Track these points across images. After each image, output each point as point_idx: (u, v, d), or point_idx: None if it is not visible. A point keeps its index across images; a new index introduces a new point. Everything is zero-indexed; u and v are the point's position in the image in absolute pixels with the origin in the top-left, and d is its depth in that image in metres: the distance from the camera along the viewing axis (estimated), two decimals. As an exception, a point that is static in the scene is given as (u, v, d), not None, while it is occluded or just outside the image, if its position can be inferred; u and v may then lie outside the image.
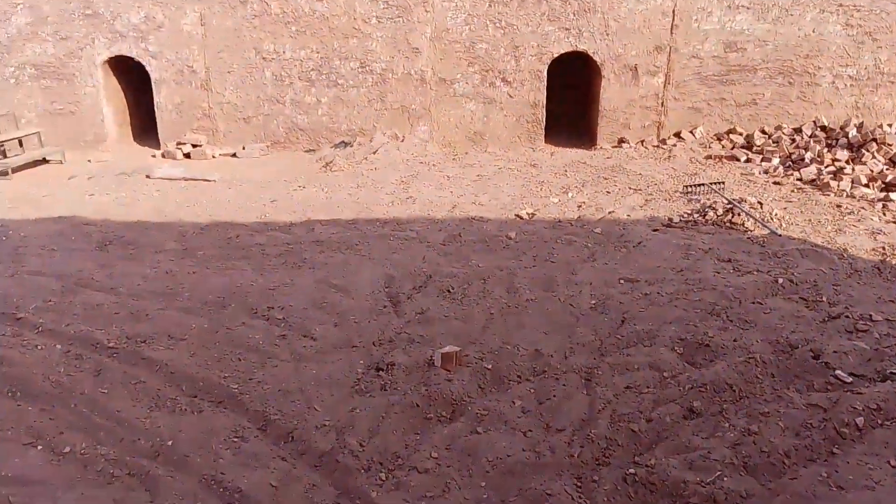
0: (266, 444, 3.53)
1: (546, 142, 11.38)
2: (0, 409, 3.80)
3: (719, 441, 3.45)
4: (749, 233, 6.83)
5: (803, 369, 4.13)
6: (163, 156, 11.05)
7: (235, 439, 3.56)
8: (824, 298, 5.13)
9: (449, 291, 5.44)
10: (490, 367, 4.22)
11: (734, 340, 4.50)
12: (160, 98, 11.22)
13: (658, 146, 10.89)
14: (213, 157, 10.95)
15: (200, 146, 11.01)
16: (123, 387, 4.06)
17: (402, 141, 10.94)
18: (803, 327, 4.69)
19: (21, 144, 10.63)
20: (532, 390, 4.01)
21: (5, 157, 10.19)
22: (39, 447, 3.49)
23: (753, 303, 5.11)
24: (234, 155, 11.05)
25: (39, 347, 4.50)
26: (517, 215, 7.57)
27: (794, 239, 6.59)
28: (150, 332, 4.75)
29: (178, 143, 11.12)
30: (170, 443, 3.50)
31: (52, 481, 3.19)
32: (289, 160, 10.71)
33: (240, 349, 4.52)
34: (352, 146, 10.81)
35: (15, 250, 6.51)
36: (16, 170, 10.05)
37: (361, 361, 4.38)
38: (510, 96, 11.03)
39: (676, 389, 3.92)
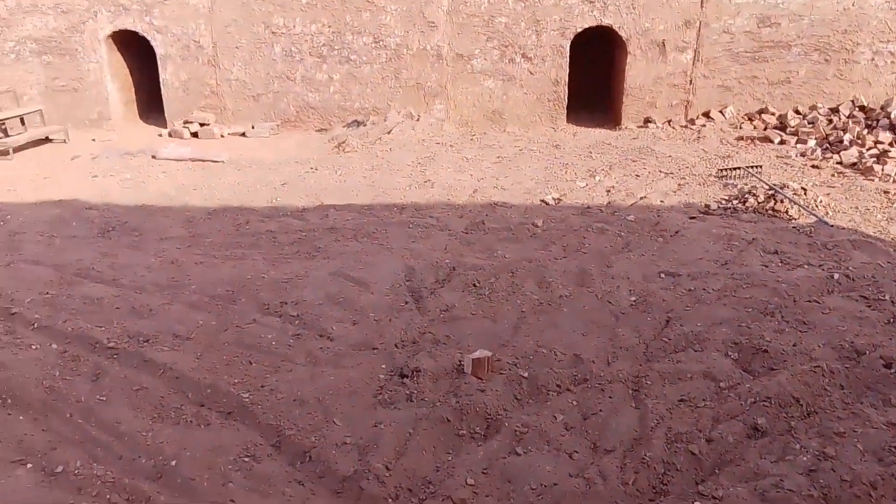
0: (280, 465, 3.15)
1: (567, 121, 10.87)
2: (-12, 419, 3.44)
3: (791, 466, 3.04)
4: (793, 221, 6.37)
5: (875, 380, 3.72)
6: (169, 135, 10.64)
7: (246, 458, 3.18)
8: (887, 297, 4.68)
9: (475, 286, 5.02)
10: (526, 374, 3.81)
11: (793, 345, 4.07)
12: (166, 75, 10.78)
13: (686, 126, 10.36)
14: (222, 136, 10.52)
15: (208, 125, 10.58)
16: (123, 394, 3.69)
17: (418, 120, 10.46)
18: (868, 330, 4.25)
19: (23, 123, 10.22)
20: (574, 402, 3.60)
21: (6, 135, 9.77)
22: (29, 465, 3.12)
23: (809, 301, 4.67)
24: (243, 134, 10.62)
25: (34, 347, 4.13)
26: (543, 201, 7.12)
27: (844, 228, 6.12)
28: (154, 329, 4.37)
29: (185, 122, 10.69)
30: (173, 463, 3.12)
31: (41, 510, 2.83)
32: (299, 140, 10.27)
33: (251, 350, 4.14)
34: (365, 125, 10.36)
35: (12, 237, 6.14)
36: (17, 149, 9.66)
37: (384, 366, 3.98)
38: (531, 73, 10.51)
39: (737, 403, 3.50)
